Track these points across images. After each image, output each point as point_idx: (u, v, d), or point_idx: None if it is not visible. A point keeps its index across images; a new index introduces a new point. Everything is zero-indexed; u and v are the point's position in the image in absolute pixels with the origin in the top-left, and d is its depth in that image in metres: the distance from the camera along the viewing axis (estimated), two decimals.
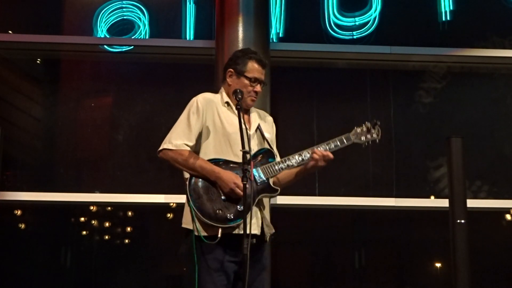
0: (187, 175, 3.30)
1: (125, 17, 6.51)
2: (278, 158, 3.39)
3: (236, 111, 3.24)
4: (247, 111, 3.43)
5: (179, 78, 6.62)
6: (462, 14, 6.56)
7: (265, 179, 3.27)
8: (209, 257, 3.13)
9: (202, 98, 3.36)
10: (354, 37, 6.50)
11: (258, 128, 3.43)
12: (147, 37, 6.48)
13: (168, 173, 6.38)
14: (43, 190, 6.15)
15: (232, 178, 3.16)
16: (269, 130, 3.49)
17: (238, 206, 3.17)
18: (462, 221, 4.83)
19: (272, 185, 3.30)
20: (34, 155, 6.64)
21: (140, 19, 6.48)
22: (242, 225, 3.05)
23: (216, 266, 3.14)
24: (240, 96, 3.21)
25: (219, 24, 5.94)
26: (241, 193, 3.09)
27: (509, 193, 6.45)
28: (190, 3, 6.48)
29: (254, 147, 3.32)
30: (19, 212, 6.30)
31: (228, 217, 3.16)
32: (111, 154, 6.48)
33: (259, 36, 5.83)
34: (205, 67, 6.28)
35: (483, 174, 6.51)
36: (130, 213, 6.45)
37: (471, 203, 5.20)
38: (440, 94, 6.67)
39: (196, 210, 3.19)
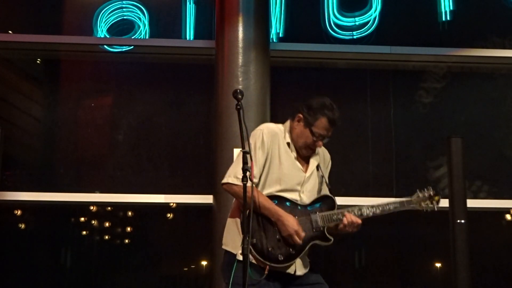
0: None
1: (125, 17, 6.51)
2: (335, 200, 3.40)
3: (293, 151, 3.34)
4: None
5: (179, 78, 6.62)
6: (462, 14, 6.55)
7: (321, 227, 3.29)
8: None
9: (268, 132, 3.35)
10: (354, 37, 6.50)
11: (318, 168, 3.44)
12: (147, 37, 6.48)
13: (168, 173, 6.39)
14: (43, 190, 6.15)
15: (294, 225, 3.19)
16: (325, 169, 3.50)
17: (291, 249, 3.21)
18: (462, 221, 4.83)
19: (327, 235, 3.31)
20: (34, 155, 6.64)
21: (140, 19, 6.48)
22: (291, 266, 3.20)
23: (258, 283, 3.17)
24: (240, 96, 3.19)
25: (219, 24, 5.94)
26: (299, 241, 3.17)
27: (509, 193, 6.45)
28: (190, 3, 6.47)
29: (308, 188, 3.35)
30: (19, 212, 6.29)
31: (279, 258, 3.19)
32: (111, 154, 6.48)
33: (259, 36, 5.83)
34: (205, 67, 6.28)
35: (483, 174, 6.51)
36: (130, 213, 6.44)
37: (471, 203, 5.20)
38: (440, 94, 6.67)
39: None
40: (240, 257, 3.11)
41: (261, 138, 3.32)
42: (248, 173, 3.01)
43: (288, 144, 3.37)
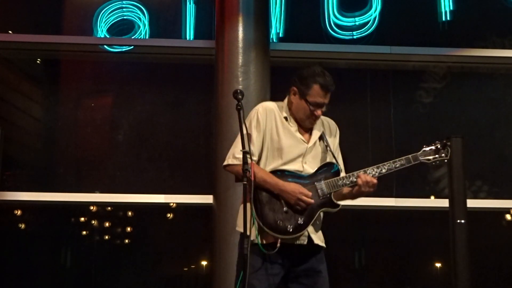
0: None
1: (125, 17, 6.51)
2: (341, 167, 3.42)
3: (293, 124, 3.35)
4: None
5: (179, 78, 6.62)
6: (462, 14, 6.55)
7: (327, 194, 3.30)
8: (263, 263, 3.18)
9: (263, 110, 3.38)
10: (354, 37, 6.50)
11: (323, 138, 3.44)
12: (147, 37, 6.48)
13: (168, 173, 6.39)
14: (43, 190, 6.15)
15: (298, 189, 3.22)
16: (331, 141, 3.50)
17: (299, 219, 3.22)
18: (462, 221, 4.83)
19: (334, 200, 3.32)
20: (34, 155, 6.64)
21: (140, 19, 6.48)
22: (301, 237, 3.24)
23: (258, 266, 3.20)
24: (240, 97, 3.20)
25: (219, 24, 5.94)
26: (310, 200, 3.20)
27: (509, 193, 6.45)
28: (190, 3, 6.48)
29: (311, 158, 3.36)
30: (19, 212, 6.30)
31: (288, 229, 3.21)
32: (111, 154, 6.48)
33: (259, 36, 5.83)
34: (205, 67, 6.28)
35: (483, 174, 6.51)
36: (130, 213, 6.45)
37: (471, 203, 5.20)
38: (440, 94, 6.67)
39: (257, 218, 3.20)
40: (252, 237, 3.15)
41: (256, 117, 3.37)
42: (248, 173, 3.03)
43: (285, 118, 3.39)
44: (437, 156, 3.46)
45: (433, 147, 3.46)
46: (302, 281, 3.32)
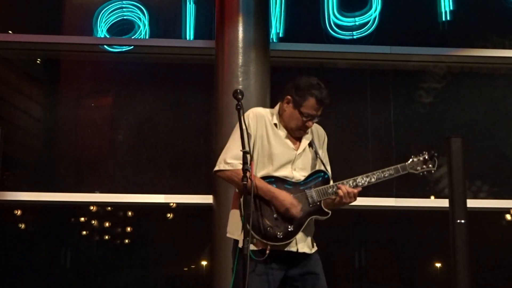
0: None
1: (125, 17, 6.51)
2: (329, 173, 3.42)
3: (282, 131, 3.36)
4: None
5: (179, 78, 6.62)
6: (462, 14, 6.56)
7: (317, 201, 3.30)
8: (252, 271, 3.15)
9: (253, 116, 3.37)
10: (354, 37, 6.50)
11: (311, 145, 3.45)
12: (147, 37, 6.48)
13: (168, 173, 6.39)
14: (43, 190, 6.15)
15: (289, 199, 3.22)
16: (320, 147, 3.50)
17: (289, 226, 3.23)
18: (462, 221, 4.83)
19: (324, 208, 3.32)
20: (34, 155, 6.63)
21: (140, 19, 6.48)
22: (292, 243, 3.22)
23: (260, 271, 3.20)
24: (240, 96, 3.20)
25: (219, 24, 5.94)
26: (296, 214, 3.21)
27: (509, 193, 6.45)
28: (190, 3, 6.48)
29: (300, 165, 3.37)
30: (19, 212, 6.30)
31: (278, 235, 3.21)
32: (111, 154, 6.48)
33: (259, 36, 5.83)
34: (205, 67, 6.29)
35: (483, 174, 6.51)
36: (130, 213, 6.44)
37: (471, 203, 5.20)
38: (440, 94, 6.67)
39: (248, 226, 3.16)
40: (236, 237, 3.22)
41: (246, 122, 3.33)
42: (248, 173, 3.02)
43: (275, 124, 3.39)
44: (424, 167, 3.47)
45: (421, 158, 3.47)
46: (300, 285, 3.31)
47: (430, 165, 3.47)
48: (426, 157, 3.47)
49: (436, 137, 6.31)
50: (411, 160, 3.46)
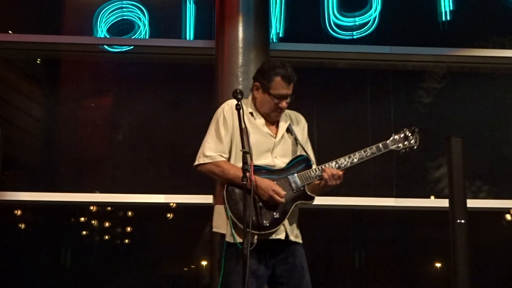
0: None
1: (125, 17, 6.51)
2: (313, 159, 3.41)
3: (259, 119, 3.36)
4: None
5: (179, 78, 6.62)
6: (462, 14, 6.55)
7: (301, 186, 3.30)
8: (239, 260, 3.12)
9: (228, 108, 3.37)
10: (354, 37, 6.50)
11: (290, 131, 3.45)
12: (147, 37, 6.48)
13: (168, 173, 6.39)
14: (43, 190, 6.15)
15: (271, 185, 3.22)
16: (300, 133, 3.49)
17: (275, 213, 3.23)
18: (462, 221, 4.83)
19: (308, 193, 3.32)
20: (34, 155, 6.64)
21: (140, 19, 6.48)
22: (278, 231, 3.22)
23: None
24: (240, 96, 3.21)
25: (219, 24, 5.94)
26: (280, 199, 3.20)
27: (509, 193, 6.45)
28: (190, 3, 6.48)
29: (280, 152, 3.37)
30: (19, 212, 6.30)
31: (264, 224, 3.20)
32: (111, 154, 6.48)
33: (259, 36, 5.83)
34: (205, 67, 6.28)
35: (483, 174, 6.51)
36: (130, 213, 6.45)
37: (471, 203, 5.20)
38: (440, 94, 6.67)
39: (232, 217, 3.20)
40: (229, 239, 3.19)
41: (222, 115, 3.37)
42: (248, 174, 3.02)
43: (251, 113, 3.40)
44: (406, 143, 3.46)
45: (402, 135, 3.46)
46: (285, 281, 3.30)
47: (412, 141, 3.46)
48: (407, 133, 3.46)
49: (436, 137, 6.31)
50: (392, 137, 3.45)
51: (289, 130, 3.45)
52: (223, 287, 3.20)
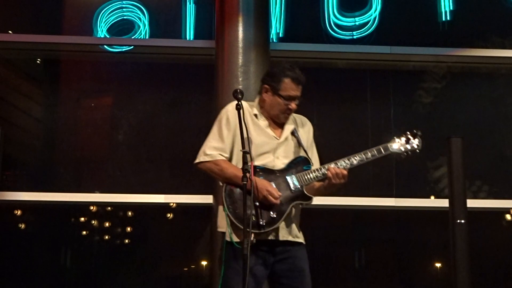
0: None
1: (125, 17, 6.51)
2: (316, 165, 3.43)
3: (263, 121, 3.39)
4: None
5: (179, 78, 6.62)
6: (462, 14, 6.56)
7: (299, 186, 3.31)
8: (239, 261, 3.10)
9: (232, 108, 3.36)
10: (354, 37, 6.50)
11: (294, 134, 3.47)
12: (147, 37, 6.48)
13: (168, 173, 6.39)
14: (43, 190, 6.15)
15: (265, 186, 3.24)
16: (305, 136, 3.51)
17: (271, 213, 3.24)
18: (462, 221, 4.83)
19: (306, 193, 3.33)
20: (34, 155, 6.64)
21: (140, 19, 6.48)
22: (275, 231, 3.24)
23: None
24: (240, 96, 3.21)
25: (219, 24, 5.94)
26: (274, 200, 3.21)
27: (509, 193, 6.45)
28: (190, 3, 6.48)
29: (282, 153, 3.39)
30: (19, 212, 6.30)
31: (261, 223, 3.21)
32: (111, 154, 6.48)
33: (259, 36, 5.82)
34: (205, 67, 6.28)
35: (483, 174, 6.51)
36: (130, 213, 6.45)
37: (471, 203, 5.20)
38: (440, 94, 6.67)
39: (230, 216, 3.23)
40: (228, 238, 3.22)
41: (226, 116, 3.41)
42: (248, 174, 3.03)
43: (255, 115, 3.43)
44: (408, 147, 3.48)
45: (403, 138, 3.48)
46: (285, 281, 3.31)
47: (414, 145, 3.47)
48: (409, 137, 3.47)
49: (436, 137, 6.31)
50: (393, 140, 3.47)
51: (293, 133, 3.48)
52: (223, 284, 3.23)
